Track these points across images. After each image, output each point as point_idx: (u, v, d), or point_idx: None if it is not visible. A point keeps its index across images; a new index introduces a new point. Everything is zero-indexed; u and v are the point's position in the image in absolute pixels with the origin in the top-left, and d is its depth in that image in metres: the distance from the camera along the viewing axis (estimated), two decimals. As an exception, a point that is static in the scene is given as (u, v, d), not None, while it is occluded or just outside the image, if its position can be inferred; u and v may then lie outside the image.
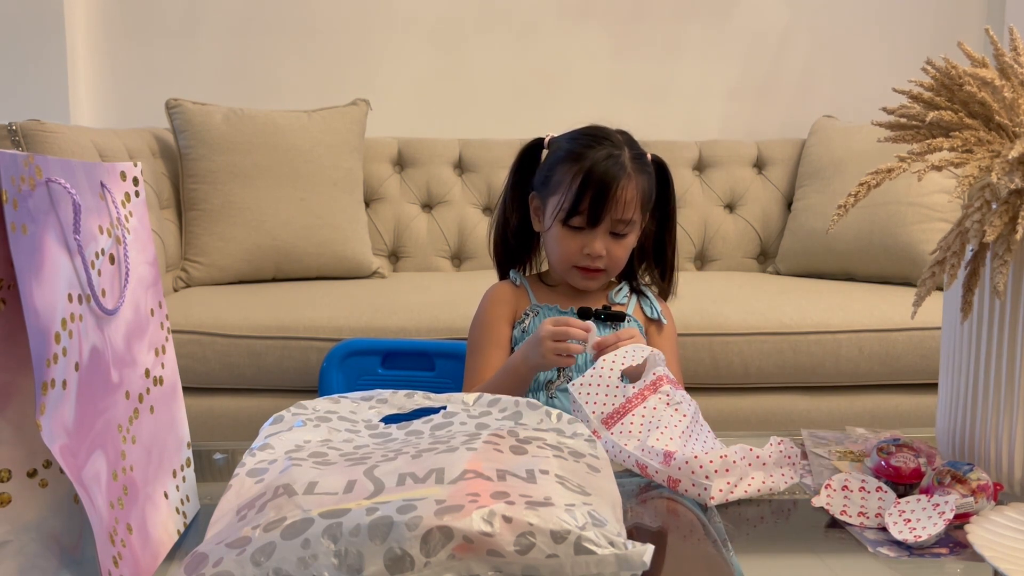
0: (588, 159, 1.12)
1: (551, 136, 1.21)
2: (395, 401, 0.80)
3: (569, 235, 1.14)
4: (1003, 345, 0.81)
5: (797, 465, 0.85)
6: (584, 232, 1.13)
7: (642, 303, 1.22)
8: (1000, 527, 0.71)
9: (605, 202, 1.11)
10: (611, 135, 1.17)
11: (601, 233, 1.13)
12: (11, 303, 0.53)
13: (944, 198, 2.02)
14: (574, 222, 1.13)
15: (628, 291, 1.23)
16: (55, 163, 0.56)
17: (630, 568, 0.53)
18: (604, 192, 1.11)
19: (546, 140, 1.21)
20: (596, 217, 1.12)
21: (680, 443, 0.85)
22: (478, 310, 1.23)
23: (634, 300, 1.22)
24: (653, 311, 1.21)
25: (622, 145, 1.16)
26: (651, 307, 1.21)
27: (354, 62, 2.54)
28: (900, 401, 1.74)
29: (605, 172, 1.11)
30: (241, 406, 1.69)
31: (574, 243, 1.14)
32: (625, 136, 1.18)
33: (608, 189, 1.11)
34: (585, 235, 1.13)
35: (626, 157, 1.14)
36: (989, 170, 0.74)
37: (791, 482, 0.84)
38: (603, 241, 1.13)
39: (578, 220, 1.13)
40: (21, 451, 0.55)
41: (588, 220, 1.12)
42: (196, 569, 0.53)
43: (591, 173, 1.11)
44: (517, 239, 1.23)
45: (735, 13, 2.60)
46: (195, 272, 2.04)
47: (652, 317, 1.20)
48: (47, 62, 2.36)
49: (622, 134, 1.18)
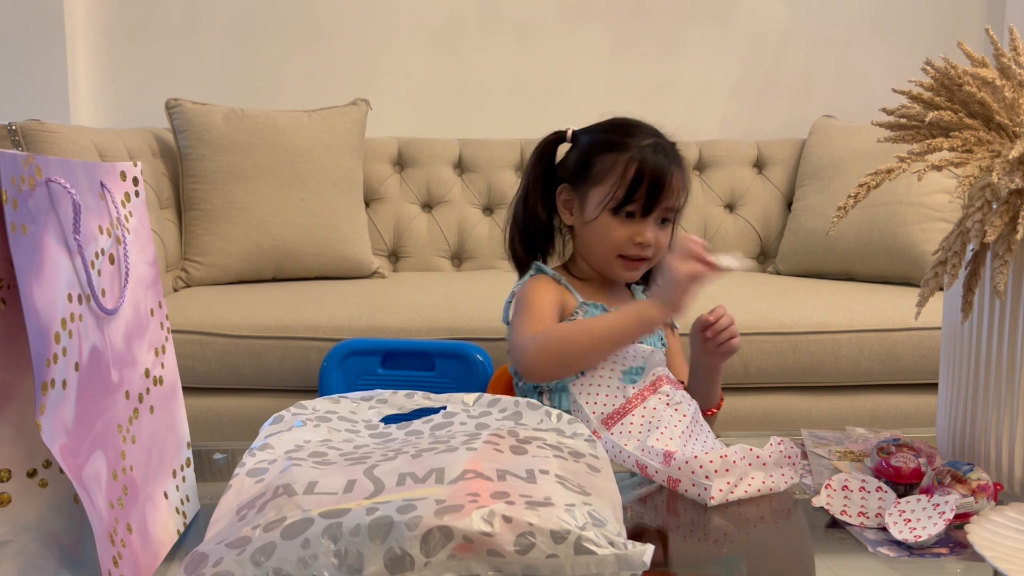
0: (634, 148, 1.12)
1: (573, 129, 1.20)
2: (395, 401, 0.80)
3: (619, 224, 1.13)
4: (1003, 345, 0.81)
5: (797, 465, 0.85)
6: (634, 221, 1.13)
7: None
8: (1000, 527, 0.71)
9: (661, 190, 1.11)
10: (644, 124, 1.17)
11: (652, 221, 1.13)
12: (11, 303, 0.53)
13: (944, 198, 2.02)
14: (628, 210, 1.12)
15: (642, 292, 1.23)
16: (55, 163, 0.56)
17: (630, 568, 0.53)
18: (660, 180, 1.11)
19: (569, 133, 1.20)
20: (651, 205, 1.12)
21: (680, 443, 0.85)
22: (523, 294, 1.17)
23: None
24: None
25: (659, 134, 1.16)
26: None
27: (354, 62, 2.54)
28: (900, 401, 1.74)
29: (658, 161, 1.12)
30: (241, 406, 1.69)
31: (624, 232, 1.13)
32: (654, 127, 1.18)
33: (663, 177, 1.11)
34: (636, 224, 1.13)
35: (667, 145, 1.15)
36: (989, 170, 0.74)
37: (791, 482, 0.84)
38: (652, 230, 1.13)
39: (632, 208, 1.12)
40: (21, 451, 0.55)
41: (643, 209, 1.12)
42: (196, 569, 0.53)
43: (645, 162, 1.11)
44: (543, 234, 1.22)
45: (735, 13, 2.60)
46: (195, 272, 2.04)
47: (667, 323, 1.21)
48: (47, 62, 2.36)
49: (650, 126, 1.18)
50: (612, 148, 1.14)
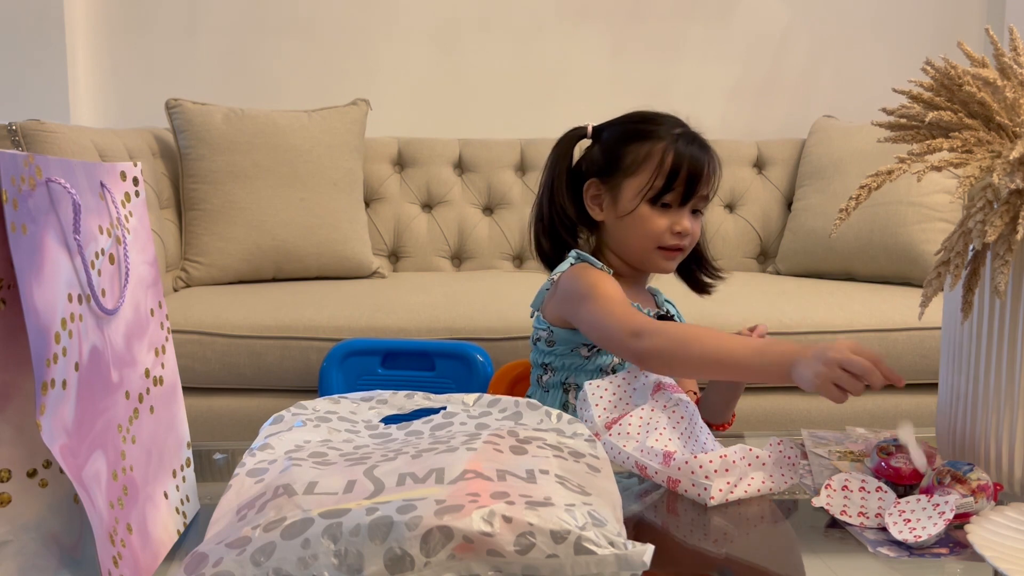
0: (667, 137, 1.12)
1: (593, 125, 1.20)
2: (395, 402, 0.80)
3: (657, 214, 1.12)
4: (1003, 345, 0.81)
5: (797, 465, 0.85)
6: (671, 211, 1.13)
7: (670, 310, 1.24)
8: (1000, 527, 0.71)
9: (699, 179, 1.11)
10: (668, 116, 1.17)
11: (687, 211, 1.13)
12: (11, 303, 0.53)
13: (944, 198, 2.02)
14: (666, 199, 1.12)
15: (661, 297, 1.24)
16: (55, 163, 0.56)
17: (630, 568, 0.53)
18: (697, 169, 1.11)
19: (589, 129, 1.20)
20: (688, 194, 1.12)
21: (679, 444, 0.85)
22: (585, 280, 1.10)
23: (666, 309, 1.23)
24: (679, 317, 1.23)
25: (685, 124, 1.16)
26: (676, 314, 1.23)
27: (354, 62, 2.54)
28: (900, 401, 1.74)
29: (693, 150, 1.12)
30: (241, 406, 1.69)
31: (662, 222, 1.12)
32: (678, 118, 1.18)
33: (700, 166, 1.11)
34: (673, 213, 1.12)
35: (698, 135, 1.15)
36: (990, 170, 0.74)
37: (791, 482, 0.84)
38: (688, 219, 1.13)
39: (670, 197, 1.12)
40: (21, 451, 0.55)
41: (681, 197, 1.12)
42: (196, 569, 0.53)
43: (681, 151, 1.11)
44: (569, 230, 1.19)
45: (735, 13, 2.60)
46: (195, 272, 2.04)
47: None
48: (47, 62, 2.36)
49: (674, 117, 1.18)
50: (643, 138, 1.14)
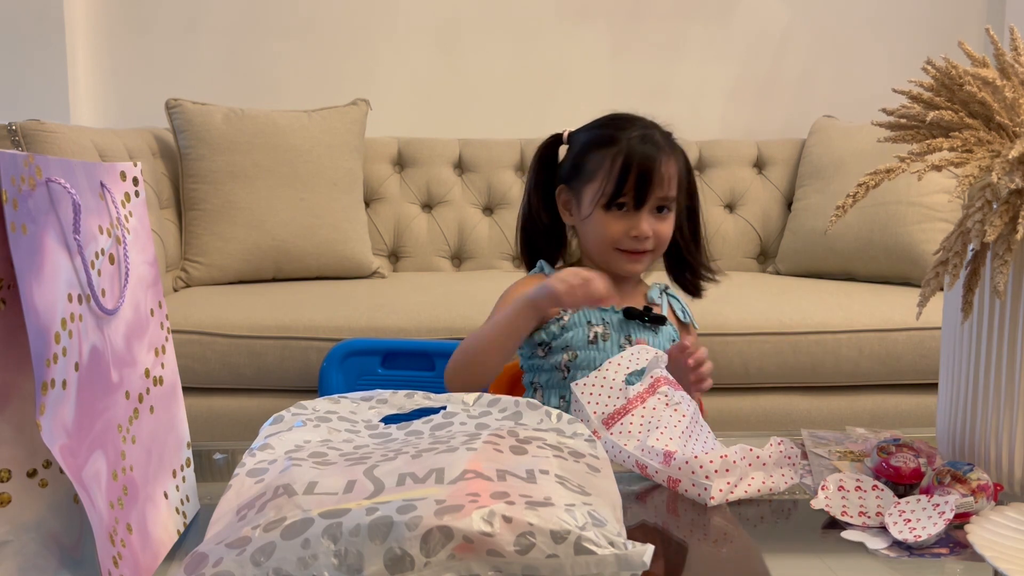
0: (623, 141, 1.12)
1: (569, 131, 1.20)
2: (395, 401, 0.80)
3: (613, 219, 1.13)
4: (1003, 345, 0.81)
5: (797, 465, 0.85)
6: (628, 214, 1.12)
7: (674, 306, 1.22)
8: (1000, 527, 0.71)
9: (651, 181, 1.10)
10: (636, 118, 1.17)
11: (646, 213, 1.12)
12: (11, 303, 0.53)
13: (944, 198, 2.02)
14: (620, 202, 1.12)
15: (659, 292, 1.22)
16: (55, 163, 0.56)
17: (630, 568, 0.53)
18: (648, 171, 1.10)
19: (565, 135, 1.20)
20: (642, 197, 1.11)
21: (680, 443, 0.85)
22: (505, 294, 1.19)
23: (666, 302, 1.22)
24: (685, 315, 1.21)
25: (651, 125, 1.16)
26: (683, 310, 1.21)
27: (354, 62, 2.54)
28: (900, 401, 1.74)
29: (645, 151, 1.11)
30: (241, 406, 1.69)
31: (618, 226, 1.12)
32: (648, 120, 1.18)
33: (652, 167, 1.10)
34: (630, 217, 1.12)
35: (659, 135, 1.14)
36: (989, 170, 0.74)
37: (791, 482, 0.84)
38: (648, 221, 1.12)
39: (623, 201, 1.12)
40: (21, 451, 0.55)
41: (634, 201, 1.11)
42: (196, 569, 0.53)
43: (631, 154, 1.11)
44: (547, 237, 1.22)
45: (735, 13, 2.60)
46: (195, 272, 2.04)
47: (684, 320, 1.20)
48: (47, 62, 2.36)
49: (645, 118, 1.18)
50: (601, 143, 1.14)
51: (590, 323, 1.13)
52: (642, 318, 1.13)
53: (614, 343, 1.12)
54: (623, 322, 1.13)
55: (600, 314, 1.14)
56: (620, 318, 1.13)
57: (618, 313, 1.14)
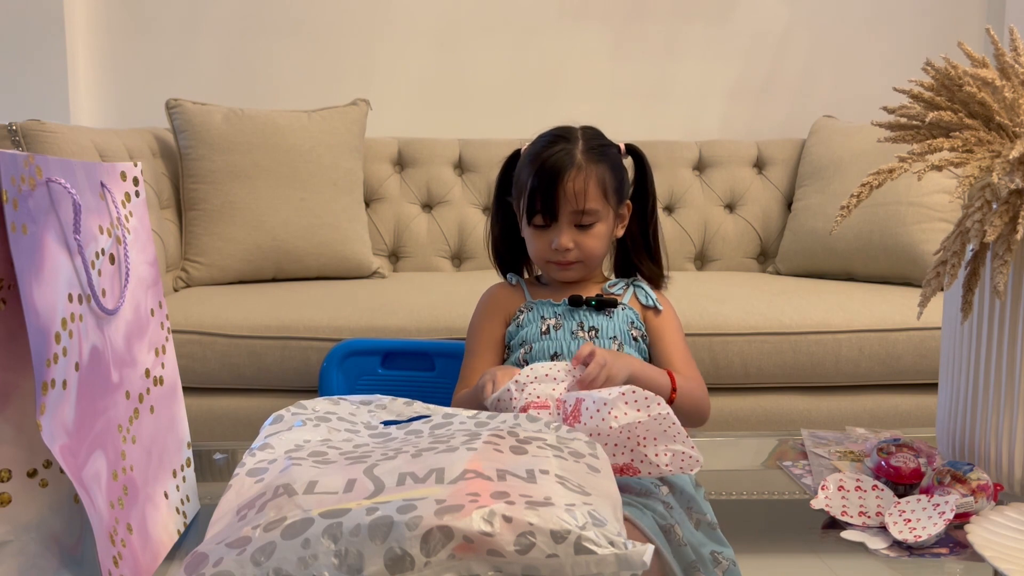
0: (539, 159, 1.14)
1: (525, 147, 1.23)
2: (394, 408, 0.81)
3: (536, 234, 1.16)
4: (1003, 345, 0.81)
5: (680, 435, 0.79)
6: (549, 228, 1.15)
7: (637, 293, 1.22)
8: (1000, 527, 0.71)
9: (555, 195, 1.12)
10: (570, 132, 1.18)
11: (565, 227, 1.14)
12: (11, 303, 0.53)
13: (944, 198, 2.02)
14: (536, 221, 1.15)
15: (624, 284, 1.23)
16: (55, 163, 0.56)
17: (630, 568, 0.53)
18: (553, 186, 1.12)
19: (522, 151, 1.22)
20: (553, 212, 1.13)
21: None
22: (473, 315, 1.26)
23: (630, 291, 1.22)
24: (648, 299, 1.21)
25: (577, 140, 1.17)
26: (646, 295, 1.21)
27: (354, 62, 2.54)
28: (900, 401, 1.74)
29: (552, 166, 1.13)
30: (241, 406, 1.69)
31: (542, 240, 1.16)
32: (588, 131, 1.19)
33: (557, 182, 1.12)
34: (550, 231, 1.15)
35: (578, 150, 1.15)
36: (990, 170, 0.74)
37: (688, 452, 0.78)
38: (569, 234, 1.14)
39: (539, 219, 1.14)
40: (21, 451, 0.55)
41: (547, 216, 1.14)
42: (196, 569, 0.53)
43: (540, 170, 1.13)
44: (505, 246, 1.26)
45: (735, 13, 2.60)
46: (195, 272, 2.04)
47: (647, 304, 1.20)
48: (47, 62, 2.36)
49: (586, 129, 1.19)
50: (526, 162, 1.17)
51: (543, 317, 1.17)
52: (588, 304, 1.16)
53: (566, 331, 1.14)
54: (571, 311, 1.16)
55: (552, 308, 1.18)
56: (567, 307, 1.16)
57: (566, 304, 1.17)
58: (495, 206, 1.26)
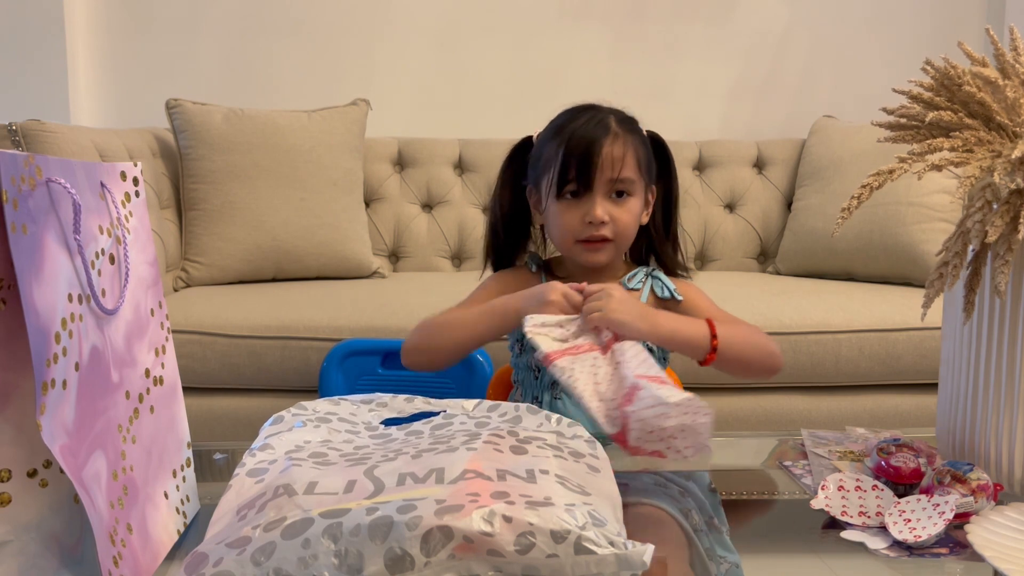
0: (569, 128, 1.10)
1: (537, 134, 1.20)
2: (395, 405, 0.81)
3: (566, 207, 1.10)
4: (1003, 345, 0.81)
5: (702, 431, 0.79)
6: (581, 200, 1.09)
7: (655, 286, 1.19)
8: (1000, 527, 0.71)
9: (591, 162, 1.08)
10: (593, 107, 1.15)
11: (600, 197, 1.09)
12: (11, 303, 0.53)
13: (944, 198, 2.02)
14: (568, 189, 1.09)
15: (643, 276, 1.20)
16: (55, 163, 0.56)
17: (630, 568, 0.53)
18: (590, 152, 1.08)
19: (534, 138, 1.20)
20: (588, 179, 1.08)
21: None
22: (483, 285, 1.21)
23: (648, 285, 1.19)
24: (664, 290, 1.17)
25: (607, 111, 1.13)
26: (663, 287, 1.18)
27: (354, 62, 2.54)
28: (900, 401, 1.74)
29: (587, 133, 1.09)
30: (241, 406, 1.69)
31: (574, 214, 1.10)
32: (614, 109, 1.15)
33: (593, 147, 1.08)
34: (583, 203, 1.09)
35: (611, 120, 1.12)
36: (990, 170, 0.74)
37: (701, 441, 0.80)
38: (603, 206, 1.09)
39: (571, 187, 1.09)
40: (21, 451, 0.55)
41: (581, 185, 1.09)
42: (196, 569, 0.53)
43: (574, 137, 1.09)
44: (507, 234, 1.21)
45: (735, 13, 2.60)
46: (195, 272, 2.04)
47: (663, 296, 1.17)
48: (47, 62, 2.36)
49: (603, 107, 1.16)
50: (552, 135, 1.12)
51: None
52: None
53: None
54: None
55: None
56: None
57: None
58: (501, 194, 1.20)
